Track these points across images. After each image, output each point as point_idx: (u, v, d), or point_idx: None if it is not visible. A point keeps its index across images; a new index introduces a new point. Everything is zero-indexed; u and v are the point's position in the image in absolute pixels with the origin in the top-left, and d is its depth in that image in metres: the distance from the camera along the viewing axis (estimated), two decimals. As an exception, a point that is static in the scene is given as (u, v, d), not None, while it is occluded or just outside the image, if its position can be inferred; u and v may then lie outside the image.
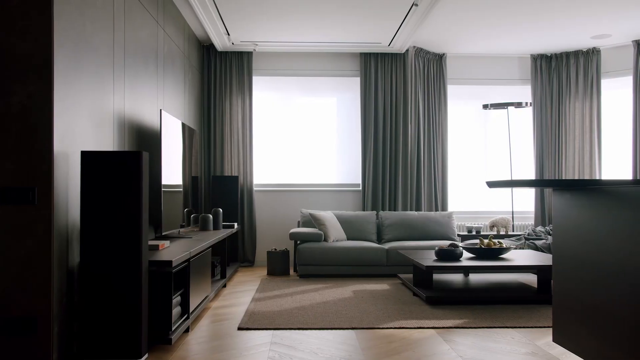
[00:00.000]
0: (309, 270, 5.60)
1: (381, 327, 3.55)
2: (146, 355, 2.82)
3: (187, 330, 3.45)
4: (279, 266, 5.83)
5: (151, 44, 4.26)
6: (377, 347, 3.12)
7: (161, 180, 3.89)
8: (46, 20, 2.58)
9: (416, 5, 4.84)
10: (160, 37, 4.51)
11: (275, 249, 5.93)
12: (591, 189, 2.48)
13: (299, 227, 6.19)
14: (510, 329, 3.52)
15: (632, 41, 6.19)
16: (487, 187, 3.37)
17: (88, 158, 2.74)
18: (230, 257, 6.27)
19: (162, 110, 3.93)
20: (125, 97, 3.67)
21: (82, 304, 2.74)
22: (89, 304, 2.74)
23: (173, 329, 3.08)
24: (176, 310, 3.22)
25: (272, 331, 3.47)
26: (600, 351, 2.39)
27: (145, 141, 4.14)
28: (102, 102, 3.25)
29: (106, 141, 3.31)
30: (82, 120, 2.95)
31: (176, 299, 3.25)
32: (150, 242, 3.47)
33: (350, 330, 3.49)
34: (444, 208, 6.65)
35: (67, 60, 2.75)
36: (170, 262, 2.97)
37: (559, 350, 3.07)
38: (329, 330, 3.49)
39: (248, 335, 3.38)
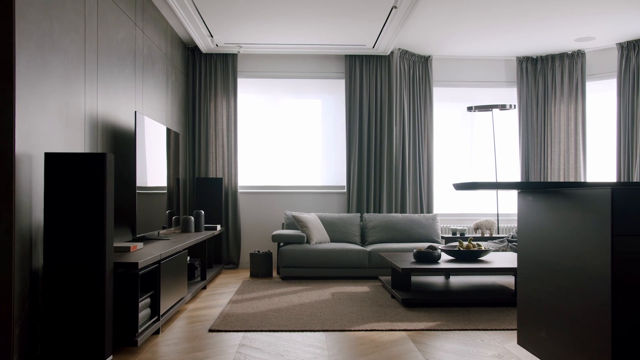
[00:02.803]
0: (291, 272, 5.59)
1: (352, 329, 3.55)
2: (110, 357, 2.82)
3: (157, 332, 3.44)
4: (261, 268, 5.83)
5: (128, 45, 4.26)
6: (344, 349, 3.12)
7: (135, 182, 3.89)
8: (7, 21, 2.58)
9: (395, 7, 4.84)
10: (138, 39, 4.51)
11: (258, 251, 5.93)
12: (551, 192, 2.48)
13: (283, 229, 6.19)
14: (481, 332, 3.52)
15: (616, 44, 6.20)
16: (454, 190, 3.38)
17: (52, 159, 2.74)
18: (214, 258, 6.27)
19: (137, 112, 3.93)
20: (99, 98, 3.67)
21: (46, 306, 2.74)
22: (52, 305, 2.73)
23: (139, 331, 3.08)
24: (145, 312, 3.22)
25: (243, 333, 3.47)
26: (558, 353, 2.39)
27: (122, 143, 4.14)
28: (72, 103, 3.25)
29: (76, 143, 3.31)
30: (49, 122, 2.95)
31: (145, 301, 3.25)
32: (122, 244, 3.47)
33: (321, 333, 3.49)
34: (430, 210, 6.65)
35: (31, 61, 2.75)
36: (136, 264, 2.97)
37: (526, 352, 3.06)
38: (300, 333, 3.48)
39: (218, 337, 3.37)
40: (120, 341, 3.00)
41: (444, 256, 4.91)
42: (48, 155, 2.74)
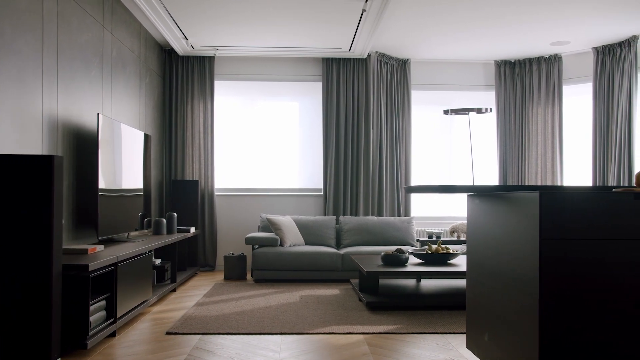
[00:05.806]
0: (264, 275, 5.59)
1: (311, 332, 3.54)
2: (58, 360, 2.81)
3: (113, 334, 3.43)
4: (235, 271, 5.82)
5: (95, 47, 4.26)
6: (297, 352, 3.11)
7: (98, 184, 3.88)
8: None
9: (365, 11, 4.85)
10: (107, 41, 4.51)
11: (232, 254, 5.92)
12: (494, 195, 2.48)
13: (258, 231, 6.19)
14: (439, 335, 3.52)
15: (592, 48, 6.21)
16: (406, 192, 3.38)
17: (-1, 161, 2.74)
18: (189, 261, 6.26)
19: (100, 114, 3.92)
20: (59, 101, 3.66)
21: (-8, 308, 2.73)
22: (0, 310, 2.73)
23: (91, 333, 3.07)
24: (98, 315, 3.21)
25: (200, 336, 3.46)
26: (498, 357, 2.39)
27: (88, 146, 4.14)
28: (27, 106, 3.24)
29: (33, 145, 3.31)
30: (0, 124, 2.94)
31: (99, 304, 3.24)
32: (80, 246, 3.46)
33: (278, 335, 3.48)
34: (407, 213, 6.65)
35: (-21, 63, 2.75)
36: (87, 266, 2.96)
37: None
38: (257, 335, 3.48)
39: (174, 340, 3.37)
40: (71, 343, 2.99)
41: (412, 259, 4.91)
42: (-5, 157, 2.74)
